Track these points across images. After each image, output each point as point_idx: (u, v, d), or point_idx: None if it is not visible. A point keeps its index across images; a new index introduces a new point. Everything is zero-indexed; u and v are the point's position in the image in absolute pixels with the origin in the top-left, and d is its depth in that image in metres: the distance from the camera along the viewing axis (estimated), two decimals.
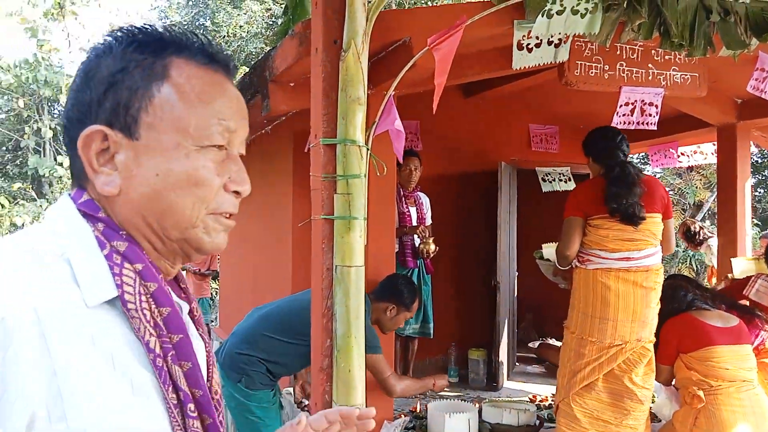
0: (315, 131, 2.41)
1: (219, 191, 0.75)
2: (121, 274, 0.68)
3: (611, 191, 3.00)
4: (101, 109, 0.70)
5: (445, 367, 5.09)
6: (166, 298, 0.71)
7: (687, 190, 11.29)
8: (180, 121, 0.72)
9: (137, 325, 0.67)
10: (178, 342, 0.70)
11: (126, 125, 0.70)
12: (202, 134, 0.72)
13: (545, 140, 5.67)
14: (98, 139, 0.70)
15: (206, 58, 0.75)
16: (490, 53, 3.14)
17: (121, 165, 0.71)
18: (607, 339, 2.99)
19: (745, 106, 4.46)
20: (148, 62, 0.71)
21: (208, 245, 0.76)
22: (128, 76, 0.70)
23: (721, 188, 4.82)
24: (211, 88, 0.74)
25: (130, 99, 0.70)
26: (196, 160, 0.72)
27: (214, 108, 0.74)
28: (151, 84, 0.71)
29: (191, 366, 0.71)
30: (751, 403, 2.80)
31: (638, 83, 3.32)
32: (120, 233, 0.71)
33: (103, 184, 0.70)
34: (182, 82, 0.72)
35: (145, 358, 0.67)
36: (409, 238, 4.41)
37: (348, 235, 2.26)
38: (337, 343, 2.28)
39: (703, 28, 2.62)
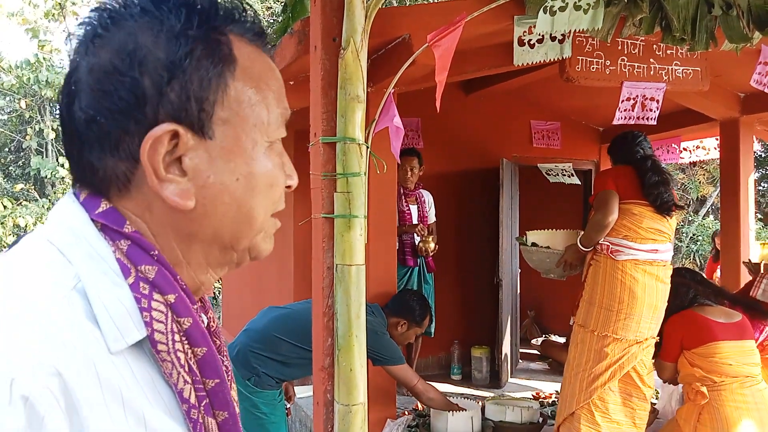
0: (314, 129, 2.40)
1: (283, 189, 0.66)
2: (150, 308, 0.55)
3: (652, 179, 3.01)
4: (164, 102, 0.56)
5: (449, 364, 5.09)
6: (202, 336, 0.59)
7: (690, 185, 11.26)
8: (257, 115, 0.61)
9: (168, 370, 0.56)
10: (213, 388, 0.59)
11: (198, 122, 0.57)
12: (275, 128, 0.63)
13: (547, 136, 5.66)
14: (167, 140, 0.56)
15: (255, 35, 0.63)
16: (491, 49, 3.12)
17: (193, 170, 0.58)
18: (630, 335, 2.94)
19: (748, 100, 4.43)
20: (214, 43, 0.58)
21: (264, 252, 0.66)
22: (197, 61, 0.57)
23: (724, 183, 4.80)
24: (270, 72, 0.64)
25: (204, 90, 0.57)
26: (270, 158, 0.62)
27: (280, 95, 0.64)
28: (224, 70, 0.58)
29: (227, 416, 0.60)
30: (755, 398, 2.78)
31: (640, 78, 3.30)
32: (151, 253, 0.57)
33: (176, 195, 0.57)
34: (249, 65, 0.61)
35: (177, 407, 0.57)
36: (409, 236, 4.40)
37: (348, 233, 2.25)
38: (338, 342, 2.27)
39: (704, 22, 2.60)
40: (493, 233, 4.92)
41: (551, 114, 5.68)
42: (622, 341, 2.95)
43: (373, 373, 2.74)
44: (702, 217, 11.44)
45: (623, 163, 3.19)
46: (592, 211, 3.15)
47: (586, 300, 3.11)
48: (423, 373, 5.02)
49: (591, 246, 3.10)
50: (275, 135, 0.63)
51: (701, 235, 10.99)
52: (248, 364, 2.69)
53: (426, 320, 3.07)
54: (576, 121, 5.80)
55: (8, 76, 10.64)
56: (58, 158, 12.02)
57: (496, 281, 4.88)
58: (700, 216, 11.44)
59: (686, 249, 11.23)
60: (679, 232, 11.48)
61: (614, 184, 3.05)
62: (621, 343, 2.95)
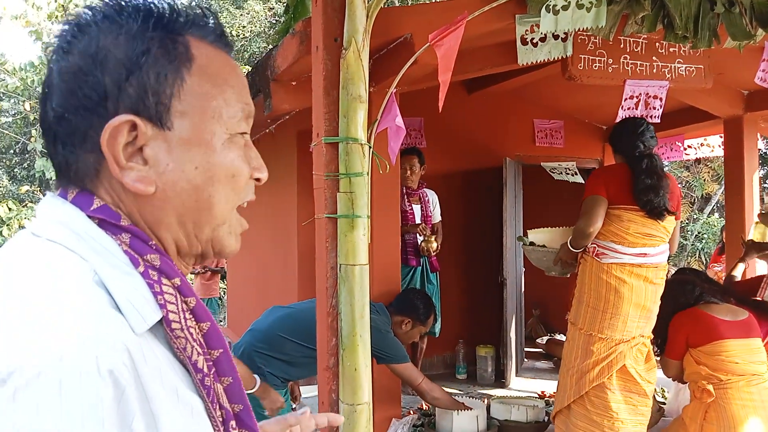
0: (317, 130, 2.41)
1: (249, 180, 0.69)
2: (162, 292, 0.60)
3: (644, 183, 2.91)
4: (123, 96, 0.61)
5: (454, 364, 5.10)
6: (204, 312, 0.65)
7: (695, 183, 11.23)
8: (214, 108, 0.65)
9: (182, 345, 0.61)
10: (218, 357, 0.65)
11: (156, 114, 0.62)
12: (233, 121, 0.67)
13: (550, 135, 5.65)
14: (125, 131, 0.61)
15: (216, 37, 0.69)
16: (493, 48, 3.12)
17: (153, 159, 0.62)
18: (617, 335, 2.92)
19: (751, 97, 4.42)
20: (170, 42, 0.64)
21: (228, 248, 0.70)
22: (153, 58, 0.62)
23: (728, 181, 4.78)
24: (230, 70, 0.68)
25: (160, 84, 0.62)
26: (231, 150, 0.66)
27: (239, 91, 0.68)
28: (180, 67, 0.63)
29: (232, 381, 0.66)
30: (761, 396, 2.77)
31: (643, 76, 3.30)
32: (150, 244, 0.63)
33: (136, 181, 0.61)
34: (206, 63, 0.66)
35: (190, 379, 0.62)
36: (411, 236, 4.40)
37: (351, 233, 2.26)
38: (342, 342, 2.27)
39: (707, 19, 2.59)
40: (497, 232, 4.92)
41: (554, 112, 5.68)
42: (607, 341, 2.92)
43: (377, 372, 2.74)
44: (707, 215, 11.40)
45: (621, 155, 3.09)
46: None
47: (576, 298, 3.09)
48: (428, 373, 5.02)
49: (579, 248, 3.06)
50: (236, 128, 0.67)
51: (706, 233, 10.96)
52: (253, 363, 2.70)
53: (430, 319, 3.07)
54: (579, 120, 5.79)
55: (12, 78, 10.69)
56: None
57: (501, 280, 4.88)
58: (705, 214, 11.41)
59: (691, 247, 11.19)
60: (684, 230, 11.45)
61: (605, 188, 2.96)
62: (607, 342, 2.92)
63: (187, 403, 0.59)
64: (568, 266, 3.30)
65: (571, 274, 3.48)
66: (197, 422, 0.61)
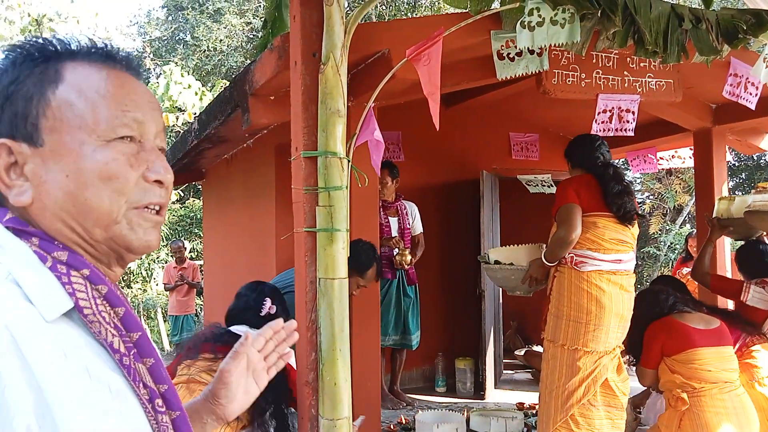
0: (296, 144, 2.41)
1: (138, 183, 0.73)
2: (70, 282, 0.67)
3: (614, 188, 2.96)
4: (1, 123, 0.70)
5: (433, 377, 5.10)
6: (118, 299, 0.70)
7: (667, 194, 11.44)
8: (80, 118, 0.71)
9: (97, 329, 0.67)
10: (138, 340, 0.70)
11: (28, 134, 0.70)
12: (106, 127, 0.72)
13: (526, 148, 5.73)
14: (4, 153, 0.70)
15: (102, 58, 0.75)
16: (470, 63, 3.17)
17: (31, 174, 0.70)
18: (600, 347, 2.91)
19: (719, 110, 4.54)
20: (39, 69, 0.72)
21: (135, 242, 0.74)
22: (21, 85, 0.71)
23: (698, 192, 4.89)
24: (110, 82, 0.74)
25: (27, 107, 0.70)
26: (104, 154, 0.71)
27: (116, 100, 0.73)
28: (45, 88, 0.71)
29: (154, 361, 0.71)
30: (733, 404, 2.82)
31: (615, 90, 3.37)
32: (56, 243, 0.70)
33: (15, 196, 0.70)
34: (78, 80, 0.72)
35: (112, 361, 0.67)
36: (386, 249, 4.41)
37: (331, 247, 2.26)
38: (322, 357, 2.26)
39: (676, 35, 2.67)
40: (475, 244, 4.95)
41: (529, 126, 5.76)
42: (592, 353, 2.91)
43: (357, 386, 2.73)
44: (679, 226, 11.62)
45: (581, 168, 3.15)
46: (554, 225, 3.08)
47: (553, 314, 3.04)
48: (408, 387, 5.02)
49: (556, 261, 3.04)
50: (111, 134, 0.72)
51: (678, 244, 11.14)
52: None
53: (370, 272, 2.85)
54: (554, 133, 5.88)
55: None
56: None
57: (479, 292, 4.91)
58: (677, 225, 11.62)
59: (664, 257, 11.38)
60: (657, 240, 11.63)
61: (576, 196, 2.98)
62: (592, 356, 2.91)
63: (101, 381, 0.64)
64: (537, 284, 3.24)
65: (534, 293, 3.45)
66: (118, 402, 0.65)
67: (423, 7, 11.11)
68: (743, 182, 12.86)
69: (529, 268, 3.20)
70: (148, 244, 0.75)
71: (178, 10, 14.56)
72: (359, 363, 2.87)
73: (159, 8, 16.05)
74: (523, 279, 3.24)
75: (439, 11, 10.61)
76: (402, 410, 4.40)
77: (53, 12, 10.32)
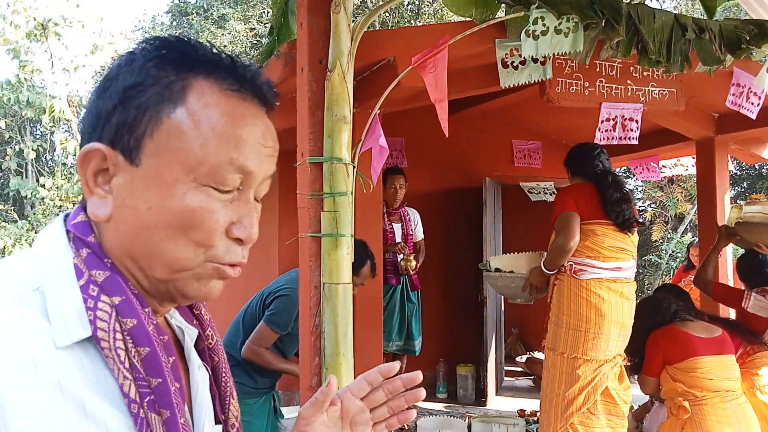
0: (301, 150, 2.43)
1: (222, 237, 0.65)
2: (95, 308, 0.60)
3: (613, 196, 2.97)
4: (107, 125, 0.63)
5: (434, 383, 5.09)
6: (146, 337, 0.62)
7: (668, 202, 11.44)
8: (185, 154, 0.62)
9: (111, 366, 0.59)
10: (156, 386, 0.62)
11: (128, 148, 0.63)
12: (208, 172, 0.63)
13: (528, 155, 5.75)
14: (97, 158, 0.63)
15: (235, 83, 0.65)
16: (475, 71, 3.19)
17: (117, 190, 0.63)
18: (600, 355, 2.90)
19: (722, 120, 4.55)
20: (166, 81, 0.63)
21: (194, 293, 0.67)
22: (140, 93, 0.63)
23: (701, 200, 4.90)
24: (232, 121, 0.64)
25: (137, 120, 0.63)
26: (195, 200, 0.63)
27: (231, 144, 0.64)
28: (162, 107, 0.63)
29: (169, 415, 0.62)
30: (735, 412, 2.83)
31: (618, 99, 3.39)
32: (104, 261, 0.63)
33: (94, 207, 0.64)
34: (198, 109, 0.63)
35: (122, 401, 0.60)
36: (391, 254, 4.43)
37: (335, 252, 2.27)
38: (325, 361, 2.27)
39: (679, 45, 2.69)
40: (477, 251, 4.96)
41: (532, 134, 5.78)
42: (592, 362, 2.91)
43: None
44: (681, 235, 11.62)
45: (581, 176, 3.17)
46: (553, 234, 3.09)
47: (553, 322, 3.05)
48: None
49: (555, 269, 3.05)
50: (209, 180, 0.63)
51: (680, 252, 11.14)
52: None
53: (365, 269, 2.86)
54: (556, 141, 5.90)
55: None
56: (38, 179, 11.89)
57: (481, 299, 4.91)
58: (679, 233, 11.62)
59: (666, 266, 11.37)
60: (659, 249, 11.63)
61: (574, 204, 2.99)
62: (591, 364, 2.91)
63: (96, 419, 0.57)
64: (538, 292, 3.25)
65: (535, 300, 3.47)
66: None
67: (426, 14, 11.16)
68: (745, 191, 12.86)
69: (529, 276, 3.21)
70: (208, 295, 0.68)
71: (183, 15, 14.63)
72: (362, 368, 2.87)
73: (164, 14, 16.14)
74: (524, 287, 3.26)
75: (442, 19, 10.65)
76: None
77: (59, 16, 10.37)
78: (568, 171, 3.30)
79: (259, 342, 2.71)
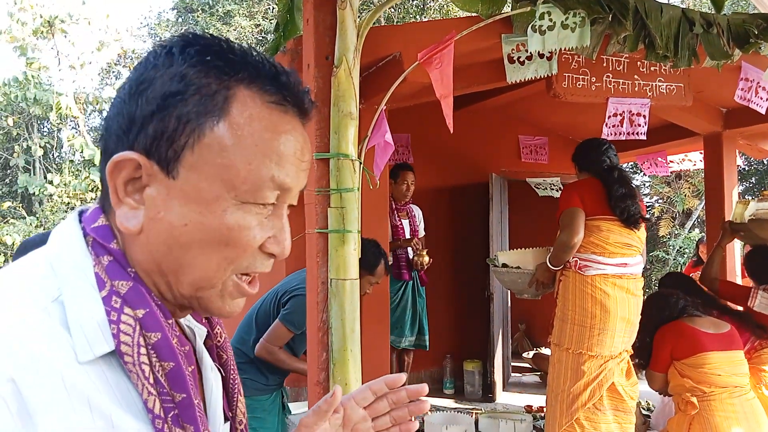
0: None
1: (255, 252, 0.64)
2: (119, 321, 0.58)
3: (619, 192, 2.96)
4: (143, 132, 0.59)
5: (441, 378, 5.10)
6: (171, 351, 0.60)
7: (676, 198, 11.39)
8: (228, 170, 0.60)
9: (135, 381, 0.58)
10: (180, 401, 0.60)
11: (165, 159, 0.59)
12: (250, 189, 0.61)
13: (535, 151, 5.73)
14: (130, 167, 0.60)
15: (278, 94, 0.63)
16: (481, 66, 3.18)
17: (150, 201, 0.60)
18: (606, 351, 2.90)
19: (730, 115, 4.53)
20: (209, 90, 0.60)
21: (216, 310, 0.66)
22: (182, 102, 0.59)
23: (708, 196, 4.88)
24: (274, 136, 0.62)
25: (177, 131, 0.59)
26: (235, 218, 0.61)
27: (273, 159, 0.62)
28: (206, 119, 0.59)
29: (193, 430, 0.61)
30: (743, 408, 2.82)
31: (625, 94, 3.38)
32: (128, 270, 0.61)
33: (124, 219, 0.60)
34: (242, 122, 0.60)
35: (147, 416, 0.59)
36: (403, 250, 4.43)
37: (342, 248, 2.28)
38: (333, 357, 2.28)
39: (686, 39, 2.67)
40: (484, 247, 4.96)
41: (539, 129, 5.77)
42: (597, 358, 2.91)
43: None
44: (688, 230, 11.57)
45: (588, 171, 3.16)
46: (559, 230, 3.09)
47: (558, 317, 3.05)
48: None
49: (560, 265, 3.06)
50: (249, 197, 0.61)
51: (688, 248, 11.10)
52: None
53: (380, 268, 2.87)
54: (563, 136, 5.88)
55: None
56: (45, 175, 11.96)
57: (487, 294, 4.91)
58: (686, 229, 11.57)
59: (673, 261, 11.33)
60: (666, 245, 11.59)
61: (580, 200, 2.99)
62: (597, 360, 2.91)
63: None
64: (544, 287, 3.26)
65: (542, 296, 3.48)
66: None
67: (432, 10, 11.13)
68: (753, 186, 12.79)
69: (536, 272, 3.22)
70: (230, 313, 0.67)
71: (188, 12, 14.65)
72: (369, 363, 2.88)
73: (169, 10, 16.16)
74: (530, 282, 3.26)
75: (447, 14, 10.63)
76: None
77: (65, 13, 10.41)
78: (575, 166, 3.30)
79: (273, 340, 2.73)
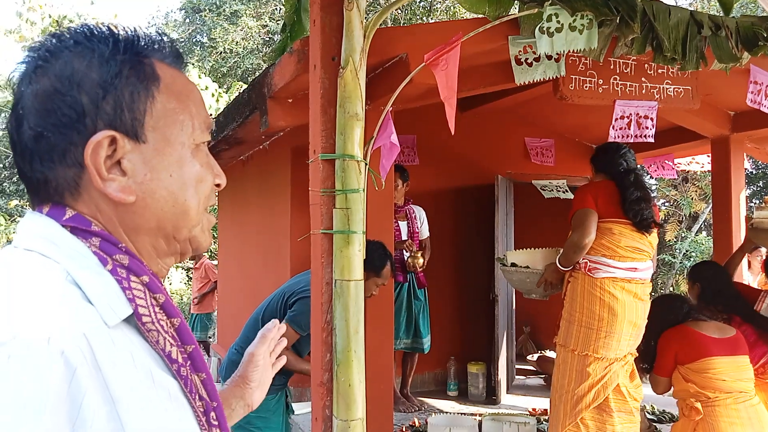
0: (314, 147, 2.43)
1: (212, 186, 0.77)
2: (130, 288, 0.65)
3: (634, 195, 2.96)
4: (101, 114, 0.66)
5: (445, 381, 5.10)
6: (174, 309, 0.69)
7: (683, 201, 11.34)
8: (180, 122, 0.72)
9: (155, 338, 0.65)
10: (192, 352, 0.70)
11: (132, 129, 0.68)
12: (198, 132, 0.74)
13: (541, 153, 5.72)
14: (106, 144, 0.66)
15: (175, 58, 0.76)
16: (488, 68, 3.17)
17: (131, 170, 0.68)
18: (611, 354, 2.90)
19: (738, 118, 4.50)
20: (138, 64, 0.70)
21: (204, 244, 0.77)
22: (126, 79, 0.68)
23: (716, 199, 4.85)
24: (190, 87, 0.76)
25: (134, 102, 0.68)
26: (197, 158, 0.74)
27: (196, 105, 0.75)
28: (151, 86, 0.70)
29: (205, 376, 0.70)
30: (748, 414, 2.80)
31: (632, 97, 3.36)
32: (119, 246, 0.67)
33: (118, 191, 0.67)
34: (170, 82, 0.73)
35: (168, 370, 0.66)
36: (398, 252, 4.42)
37: (347, 249, 2.28)
38: (337, 357, 2.28)
39: (694, 42, 2.66)
40: (489, 249, 4.95)
41: (545, 131, 5.75)
42: (603, 360, 2.90)
43: (370, 388, 2.73)
44: (695, 234, 11.51)
45: (604, 173, 3.16)
46: (570, 230, 3.08)
47: (565, 318, 3.05)
48: (419, 390, 5.03)
49: (570, 266, 3.05)
50: (200, 138, 0.74)
51: (694, 251, 11.05)
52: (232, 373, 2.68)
53: (386, 269, 2.87)
54: (569, 139, 5.86)
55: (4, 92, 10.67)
56: None
57: (492, 297, 4.90)
58: (693, 232, 11.51)
59: (680, 265, 11.28)
60: (673, 248, 11.54)
61: (593, 201, 2.99)
62: (602, 362, 2.90)
63: (163, 387, 0.64)
64: (552, 288, 3.26)
65: (550, 297, 3.47)
66: (176, 405, 0.65)
67: (438, 11, 11.13)
68: (761, 190, 12.72)
69: (545, 272, 3.21)
70: (208, 244, 0.79)
71: (196, 12, 14.70)
72: (372, 365, 2.88)
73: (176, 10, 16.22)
74: (539, 282, 3.26)
75: (454, 16, 10.62)
76: (414, 413, 4.41)
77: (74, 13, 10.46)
78: (592, 168, 3.29)
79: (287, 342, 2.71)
